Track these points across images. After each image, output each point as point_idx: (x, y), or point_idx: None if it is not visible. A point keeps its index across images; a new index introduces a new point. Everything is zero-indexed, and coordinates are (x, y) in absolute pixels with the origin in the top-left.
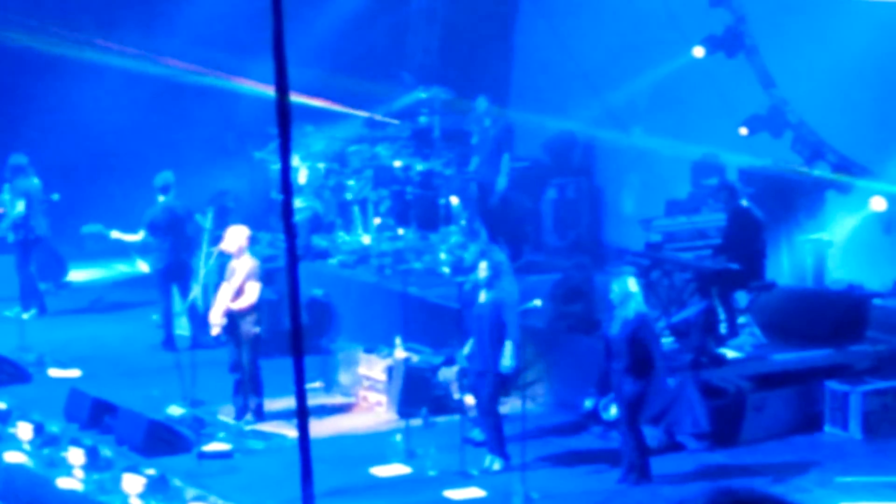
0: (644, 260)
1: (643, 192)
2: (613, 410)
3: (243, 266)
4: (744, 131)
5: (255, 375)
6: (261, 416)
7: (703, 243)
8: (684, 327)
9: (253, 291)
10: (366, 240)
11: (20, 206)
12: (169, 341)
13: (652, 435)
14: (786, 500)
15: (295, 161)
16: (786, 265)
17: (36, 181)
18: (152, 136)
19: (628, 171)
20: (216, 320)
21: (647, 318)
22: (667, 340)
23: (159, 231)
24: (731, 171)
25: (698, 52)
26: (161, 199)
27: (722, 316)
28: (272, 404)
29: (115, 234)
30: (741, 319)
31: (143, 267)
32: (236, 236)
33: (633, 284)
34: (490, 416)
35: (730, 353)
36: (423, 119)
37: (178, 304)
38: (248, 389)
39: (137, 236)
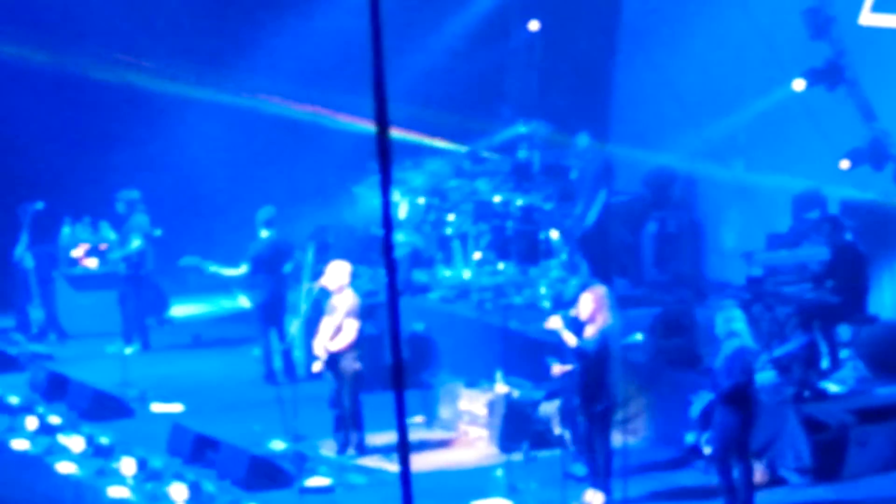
0: (746, 294)
1: (744, 225)
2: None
3: (344, 302)
4: (845, 164)
5: (357, 410)
6: (362, 450)
7: (806, 277)
8: (787, 361)
9: (351, 330)
10: (466, 274)
11: (136, 242)
12: (270, 376)
13: (754, 469)
14: None
15: (395, 196)
16: (888, 298)
17: (145, 217)
18: (251, 172)
19: (729, 204)
20: (318, 355)
21: (748, 352)
22: (769, 374)
23: (263, 265)
24: (832, 204)
25: (799, 84)
26: (264, 233)
27: (824, 350)
28: (373, 439)
29: (214, 268)
30: (843, 353)
31: (244, 302)
32: (338, 272)
33: (738, 318)
34: (593, 452)
35: (832, 387)
36: (522, 153)
37: (276, 340)
38: (350, 424)
39: (239, 270)
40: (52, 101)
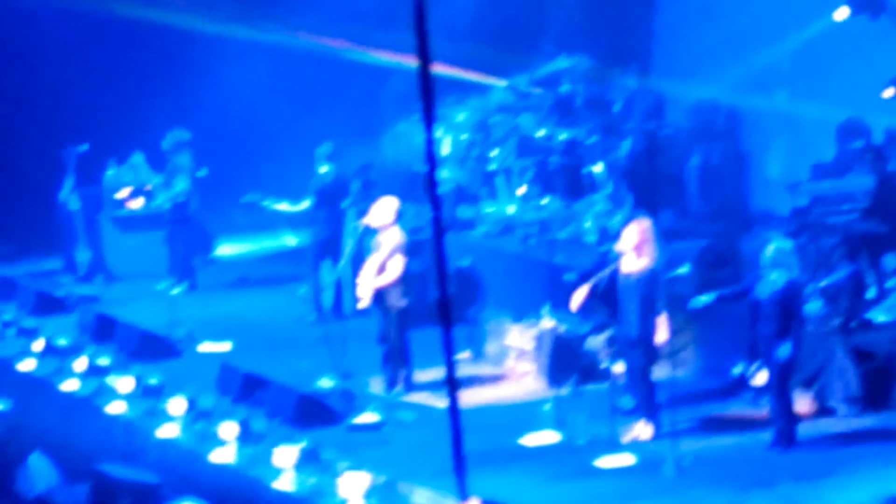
0: (791, 225)
1: (788, 156)
2: (762, 376)
3: (390, 239)
4: (889, 93)
5: (404, 347)
6: (410, 387)
7: (851, 207)
8: (833, 291)
9: (396, 267)
10: (510, 209)
11: (183, 183)
12: (319, 313)
13: (802, 399)
14: None
15: (438, 132)
16: None
17: (189, 157)
18: (294, 112)
19: (773, 135)
20: (363, 293)
21: (796, 282)
22: (816, 305)
23: (325, 201)
24: (877, 133)
25: (842, 13)
26: (324, 168)
27: (871, 279)
28: (421, 375)
29: (276, 205)
30: (890, 282)
31: (289, 241)
32: (384, 209)
33: (785, 248)
34: (642, 384)
35: (879, 317)
36: (565, 87)
37: (327, 276)
38: (397, 361)
39: (302, 206)
40: (96, 43)
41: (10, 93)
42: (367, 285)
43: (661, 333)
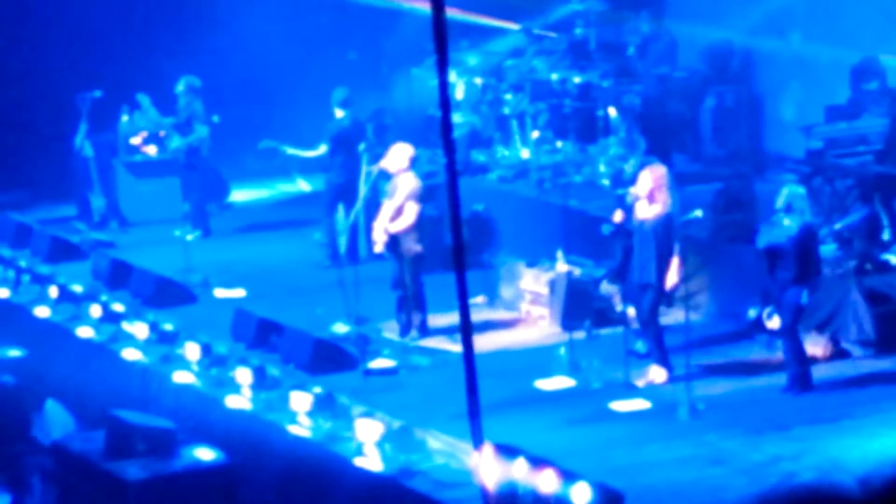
0: (805, 167)
1: (803, 98)
2: (777, 320)
3: (405, 185)
4: None
5: (419, 292)
6: (425, 332)
7: (865, 149)
8: (848, 234)
9: (411, 212)
10: (524, 154)
11: (200, 129)
12: (334, 258)
13: (817, 343)
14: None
15: (452, 77)
16: None
17: (200, 103)
18: (306, 57)
19: (787, 78)
20: (378, 238)
21: (812, 227)
22: (830, 248)
23: (341, 146)
24: (891, 74)
25: None
26: (339, 113)
27: (885, 221)
28: (436, 320)
29: (292, 151)
30: None
31: (303, 186)
32: (399, 154)
33: (798, 193)
34: (651, 328)
35: (894, 259)
36: (578, 31)
37: (342, 221)
38: (412, 306)
39: (318, 151)
40: None
41: (24, 40)
42: (381, 230)
43: (672, 277)
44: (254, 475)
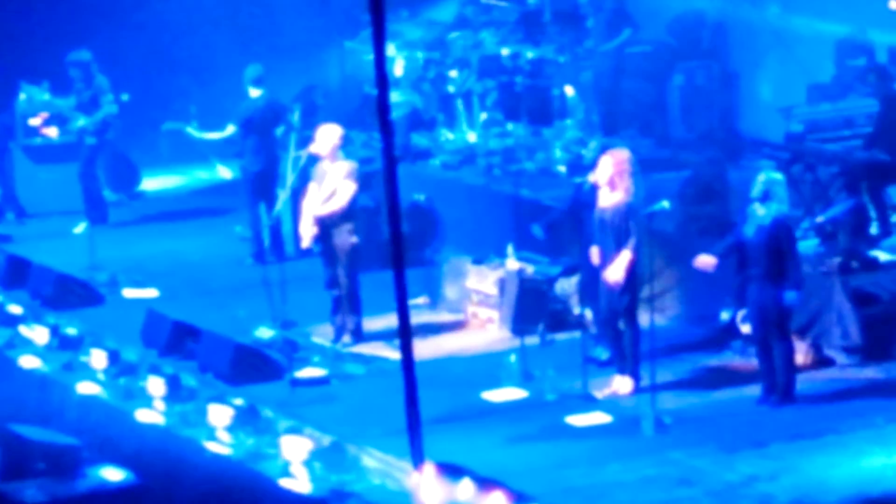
0: (784, 153)
1: (782, 76)
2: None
3: (337, 168)
4: (895, 4)
5: (354, 292)
6: (360, 337)
7: (851, 133)
8: (831, 228)
9: (346, 193)
10: (471, 137)
11: (109, 107)
12: (258, 255)
13: (797, 349)
14: None
15: (390, 51)
16: None
17: (105, 79)
18: (229, 28)
19: (765, 53)
20: (305, 231)
21: (787, 220)
22: (812, 243)
23: (254, 128)
24: (880, 50)
25: None
26: (254, 92)
27: (873, 214)
28: (372, 323)
29: (198, 133)
30: (895, 217)
31: (223, 173)
32: (328, 136)
33: (775, 180)
34: (616, 332)
35: (883, 256)
36: (532, 0)
37: (265, 214)
38: (346, 307)
39: (226, 132)
40: None
41: None
42: (310, 221)
43: (615, 273)
44: (167, 498)
